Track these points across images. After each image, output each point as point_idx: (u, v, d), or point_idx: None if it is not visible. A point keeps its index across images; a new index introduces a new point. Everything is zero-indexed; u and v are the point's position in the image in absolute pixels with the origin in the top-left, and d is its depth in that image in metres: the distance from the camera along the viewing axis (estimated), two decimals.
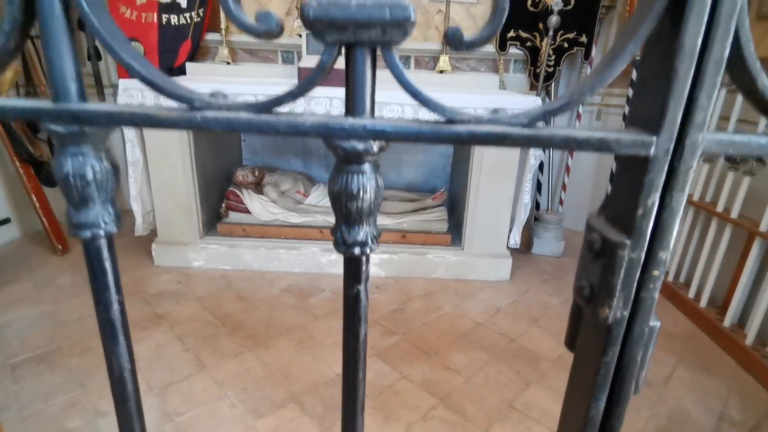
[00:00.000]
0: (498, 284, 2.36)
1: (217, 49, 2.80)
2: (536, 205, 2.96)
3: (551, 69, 2.76)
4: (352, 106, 0.24)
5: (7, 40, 0.22)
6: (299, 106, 2.15)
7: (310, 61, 2.38)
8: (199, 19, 2.71)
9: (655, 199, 0.23)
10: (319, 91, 2.09)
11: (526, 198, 2.30)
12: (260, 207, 2.45)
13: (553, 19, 2.50)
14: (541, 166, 2.97)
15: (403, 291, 2.24)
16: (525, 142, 0.23)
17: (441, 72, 2.77)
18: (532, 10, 2.76)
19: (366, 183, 0.25)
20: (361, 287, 0.27)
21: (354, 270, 0.27)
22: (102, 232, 0.27)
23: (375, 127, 0.23)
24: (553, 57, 2.73)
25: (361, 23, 0.21)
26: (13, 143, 2.35)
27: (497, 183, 2.26)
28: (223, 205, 2.50)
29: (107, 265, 0.27)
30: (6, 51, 0.22)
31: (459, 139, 0.23)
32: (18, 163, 2.37)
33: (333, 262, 2.35)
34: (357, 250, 0.26)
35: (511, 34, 2.81)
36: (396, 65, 0.23)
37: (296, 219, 2.45)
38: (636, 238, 0.24)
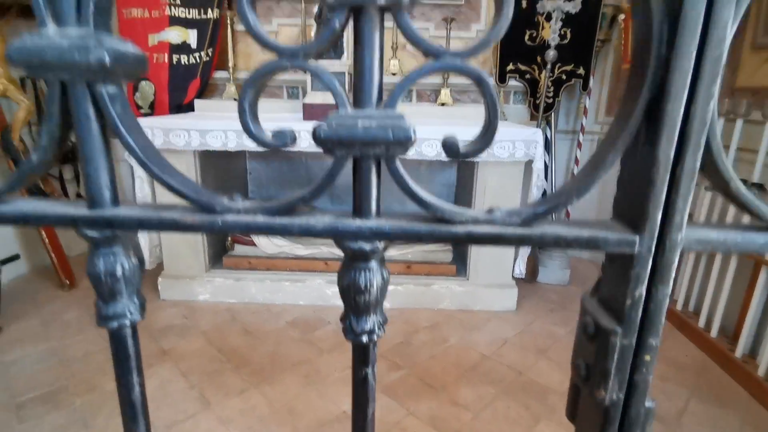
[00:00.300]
0: (504, 315, 2.35)
1: (225, 86, 2.89)
2: None
3: (550, 100, 2.82)
4: (359, 208, 0.26)
5: (44, 154, 0.25)
6: (304, 139, 2.21)
7: (315, 98, 2.45)
8: (208, 58, 2.81)
9: (642, 291, 0.25)
10: None
11: None
12: (266, 240, 2.47)
13: (551, 53, 2.57)
14: (544, 194, 2.99)
15: (409, 322, 2.23)
16: (518, 241, 0.25)
17: (442, 105, 2.83)
18: (530, 44, 2.84)
19: (373, 278, 0.27)
20: (369, 370, 0.29)
21: (362, 355, 0.29)
22: (128, 322, 0.29)
23: (380, 229, 0.25)
24: (552, 88, 2.80)
25: (367, 142, 0.23)
26: None
27: None
28: (229, 239, 2.53)
29: (131, 351, 0.29)
30: (44, 163, 0.25)
31: (457, 239, 0.25)
32: None
33: (338, 294, 2.35)
34: (365, 338, 0.28)
35: (510, 67, 2.88)
36: (399, 174, 0.25)
37: (301, 251, 2.47)
38: (627, 325, 0.25)
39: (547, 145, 2.93)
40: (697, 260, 2.18)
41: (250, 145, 2.19)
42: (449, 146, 0.25)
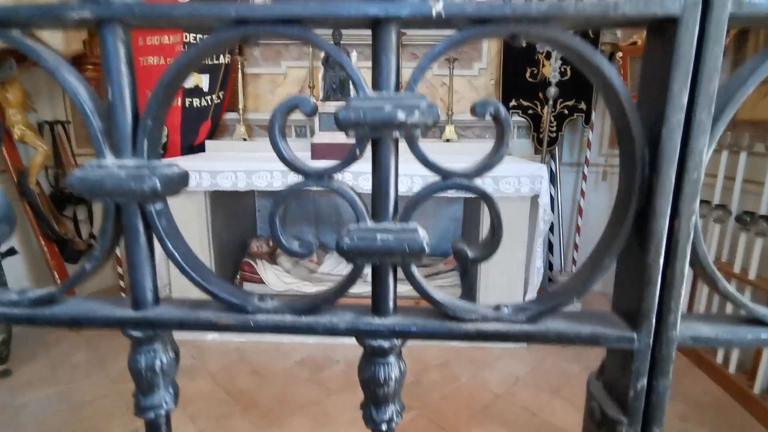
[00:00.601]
0: (515, 351, 2.31)
1: (235, 126, 2.99)
2: (549, 266, 2.95)
3: (554, 134, 2.87)
4: (378, 307, 0.29)
5: (98, 263, 0.28)
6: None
7: (323, 138, 2.52)
8: (219, 100, 2.91)
9: (644, 383, 0.27)
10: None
11: (539, 262, 2.31)
12: (274, 277, 2.49)
13: (552, 91, 2.64)
14: (551, 227, 2.99)
15: (419, 360, 2.20)
16: (525, 338, 0.27)
17: (447, 141, 2.89)
18: (531, 81, 2.92)
19: (391, 372, 0.29)
20: None
21: None
22: (163, 412, 0.31)
23: (397, 328, 0.27)
24: (555, 123, 2.85)
25: (385, 253, 0.26)
26: (40, 223, 2.47)
27: (509, 247, 2.28)
28: (238, 277, 2.55)
29: None
30: (96, 269, 0.28)
31: (468, 337, 0.27)
32: (43, 242, 2.47)
33: None
34: (384, 427, 0.30)
35: (513, 103, 2.95)
36: (415, 279, 0.27)
37: (310, 288, 2.47)
38: (631, 416, 0.27)
39: (553, 178, 2.96)
40: (711, 293, 2.15)
41: (260, 185, 2.25)
42: (458, 253, 0.27)
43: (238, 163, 2.23)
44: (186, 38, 2.86)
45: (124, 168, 0.25)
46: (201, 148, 2.90)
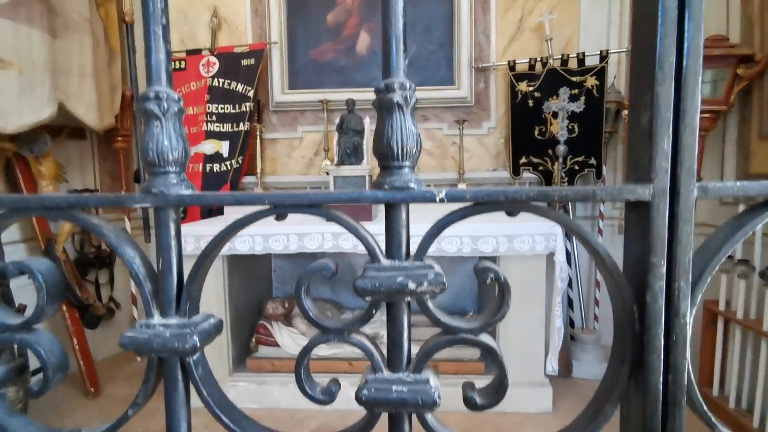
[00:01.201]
0: (540, 416, 2.21)
1: (253, 189, 3.11)
2: (570, 323, 2.87)
3: None
4: None
5: (139, 408, 0.30)
6: (328, 241, 2.31)
7: None
8: (238, 165, 3.06)
9: None
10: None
11: (558, 322, 2.26)
12: (289, 340, 2.48)
13: (561, 148, 2.70)
14: (570, 283, 2.94)
15: None
16: None
17: None
18: (540, 139, 2.99)
19: None
20: None
21: None
22: None
23: None
24: (566, 179, 2.89)
25: (400, 404, 0.28)
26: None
27: (527, 306, 2.25)
28: (253, 340, 2.54)
29: None
30: (137, 412, 0.31)
31: None
32: (65, 308, 2.53)
33: None
34: None
35: (523, 160, 3.01)
36: (429, 425, 0.29)
37: (325, 351, 2.44)
38: None
39: (568, 233, 2.95)
40: (742, 352, 2.06)
41: (276, 249, 2.30)
42: (468, 401, 0.29)
43: (255, 227, 2.30)
44: (208, 109, 3.06)
45: (168, 327, 0.28)
46: (220, 212, 3.00)
